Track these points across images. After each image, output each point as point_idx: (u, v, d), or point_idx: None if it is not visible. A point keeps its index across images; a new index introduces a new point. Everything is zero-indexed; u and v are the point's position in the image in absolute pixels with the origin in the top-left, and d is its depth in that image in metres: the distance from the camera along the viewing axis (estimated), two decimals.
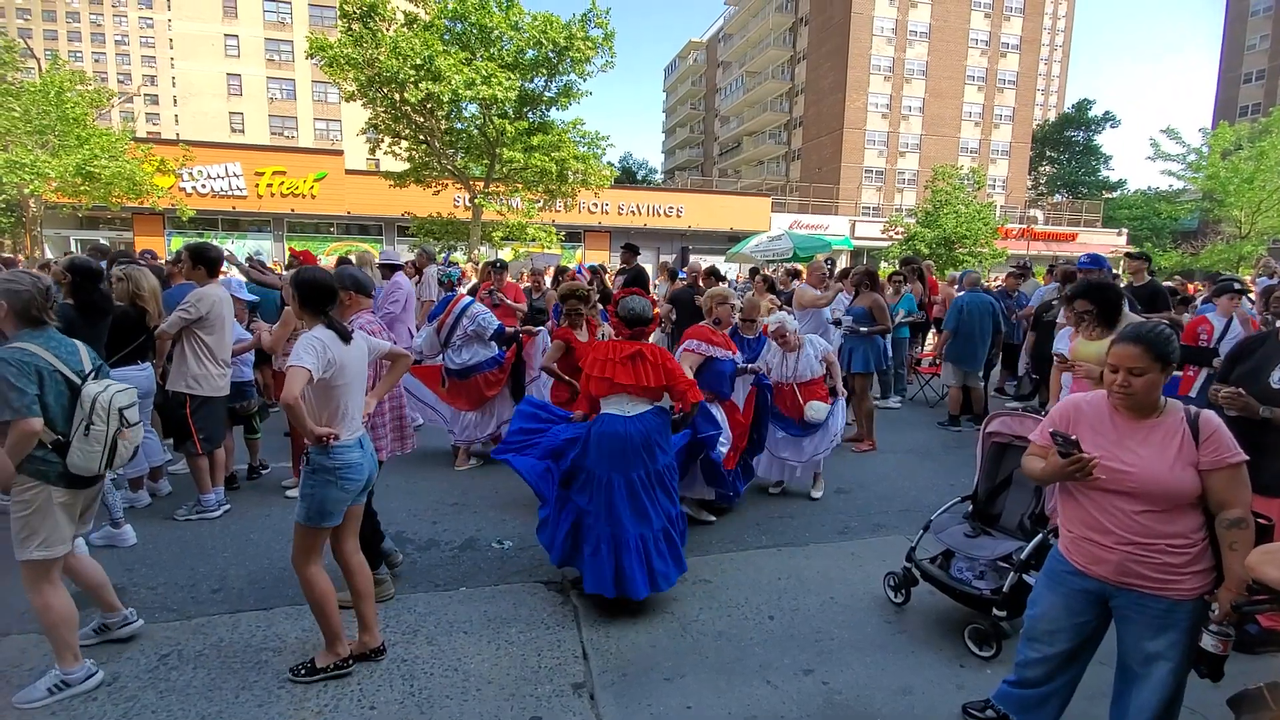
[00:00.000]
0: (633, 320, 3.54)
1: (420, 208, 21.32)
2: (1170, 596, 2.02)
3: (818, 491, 5.24)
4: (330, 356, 2.61)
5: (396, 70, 16.28)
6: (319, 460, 2.65)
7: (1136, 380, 2.02)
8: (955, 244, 26.73)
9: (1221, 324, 5.45)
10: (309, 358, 2.53)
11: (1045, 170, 53.47)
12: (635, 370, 3.37)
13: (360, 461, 2.75)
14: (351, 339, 2.76)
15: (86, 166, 18.98)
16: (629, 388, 3.37)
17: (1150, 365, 2.00)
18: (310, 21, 39.59)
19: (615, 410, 3.40)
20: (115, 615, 3.01)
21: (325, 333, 2.67)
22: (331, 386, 2.66)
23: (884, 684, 2.90)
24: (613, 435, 3.34)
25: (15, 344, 2.49)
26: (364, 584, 2.92)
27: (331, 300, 2.78)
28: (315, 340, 2.61)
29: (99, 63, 67.85)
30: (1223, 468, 1.97)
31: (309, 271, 2.85)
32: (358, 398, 2.80)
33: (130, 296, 4.24)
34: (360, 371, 2.82)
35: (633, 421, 3.36)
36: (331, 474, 2.65)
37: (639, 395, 3.40)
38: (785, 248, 14.94)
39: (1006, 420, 3.43)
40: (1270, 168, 26.95)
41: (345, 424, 2.72)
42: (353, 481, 2.72)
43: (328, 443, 2.62)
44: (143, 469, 4.57)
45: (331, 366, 2.62)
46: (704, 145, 67.84)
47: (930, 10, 42.89)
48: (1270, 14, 46.35)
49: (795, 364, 5.03)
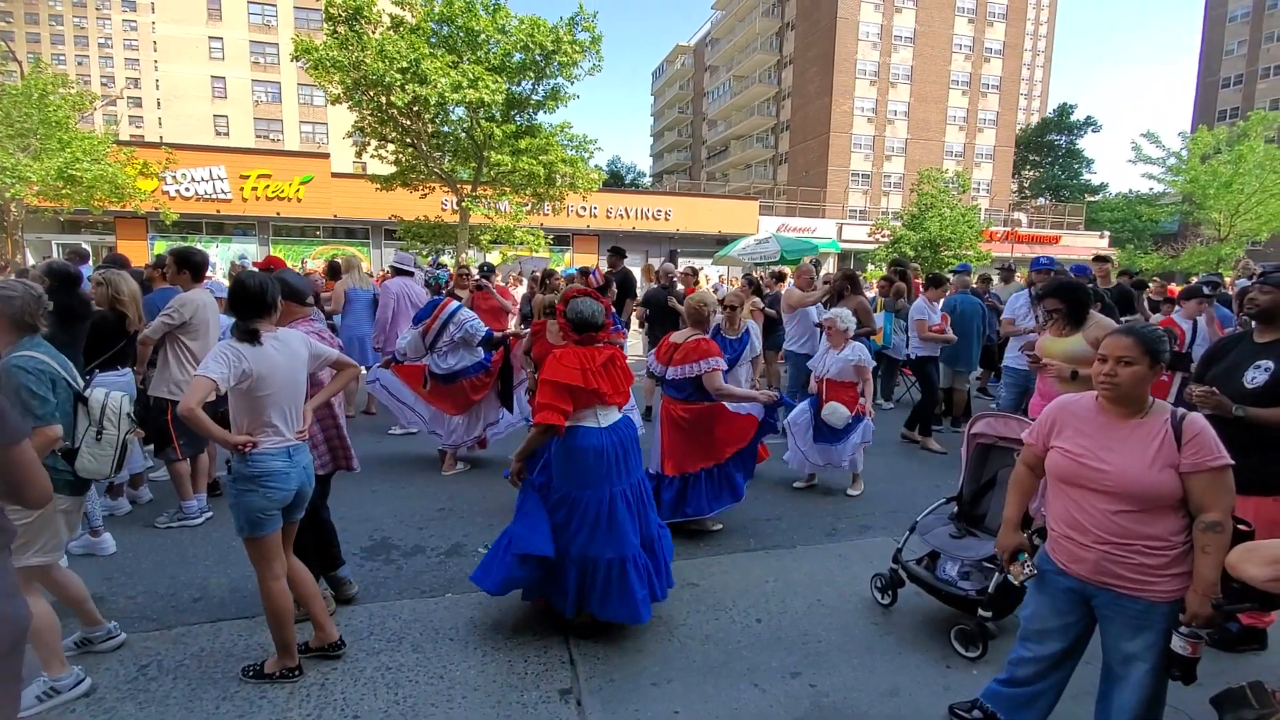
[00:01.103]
0: (581, 325, 3.16)
1: (407, 211, 21.19)
2: (1147, 598, 2.03)
3: (854, 490, 5.38)
4: (245, 367, 2.54)
5: (383, 73, 16.20)
6: (239, 468, 2.61)
7: (1124, 370, 2.05)
8: (940, 247, 26.96)
9: (1189, 327, 5.54)
10: (216, 367, 2.47)
11: (1029, 174, 54.10)
12: (612, 378, 3.19)
13: (285, 471, 2.66)
14: (261, 345, 2.63)
15: (68, 170, 18.72)
16: (607, 396, 3.16)
17: (1140, 358, 2.03)
18: (295, 24, 39.35)
19: (588, 422, 3.14)
20: (98, 629, 2.95)
21: (243, 343, 2.60)
22: (253, 397, 2.61)
23: (871, 686, 2.90)
24: (588, 450, 3.09)
25: (26, 352, 2.51)
26: (305, 586, 2.94)
27: (257, 308, 2.67)
28: (229, 350, 2.54)
29: (82, 65, 67.13)
30: (1203, 471, 1.96)
31: (242, 276, 2.77)
32: (286, 407, 2.70)
33: (110, 301, 4.18)
34: (291, 381, 2.73)
35: (609, 433, 3.15)
36: (252, 482, 2.60)
37: (613, 403, 3.22)
38: (772, 251, 15.01)
39: (991, 422, 3.45)
40: (1248, 171, 27.45)
41: (268, 433, 2.65)
42: (276, 490, 2.64)
43: (245, 451, 2.58)
44: (123, 476, 4.51)
45: (246, 377, 2.55)
46: (692, 149, 68.04)
47: (915, 15, 43.33)
48: (1248, 20, 47.28)
49: (831, 362, 5.19)
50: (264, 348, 2.63)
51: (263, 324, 2.69)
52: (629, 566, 3.08)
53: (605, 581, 3.07)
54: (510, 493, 5.06)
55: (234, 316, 2.69)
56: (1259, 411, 2.87)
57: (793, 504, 5.13)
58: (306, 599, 2.94)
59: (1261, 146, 27.51)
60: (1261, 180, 27.51)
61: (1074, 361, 3.71)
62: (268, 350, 2.64)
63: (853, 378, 5.15)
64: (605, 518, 3.09)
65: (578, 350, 3.13)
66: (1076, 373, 3.65)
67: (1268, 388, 2.91)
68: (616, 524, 3.10)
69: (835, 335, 5.21)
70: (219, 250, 25.74)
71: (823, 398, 5.19)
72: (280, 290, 2.84)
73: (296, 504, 2.81)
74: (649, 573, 3.19)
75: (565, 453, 3.13)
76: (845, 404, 5.07)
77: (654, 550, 3.28)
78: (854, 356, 5.12)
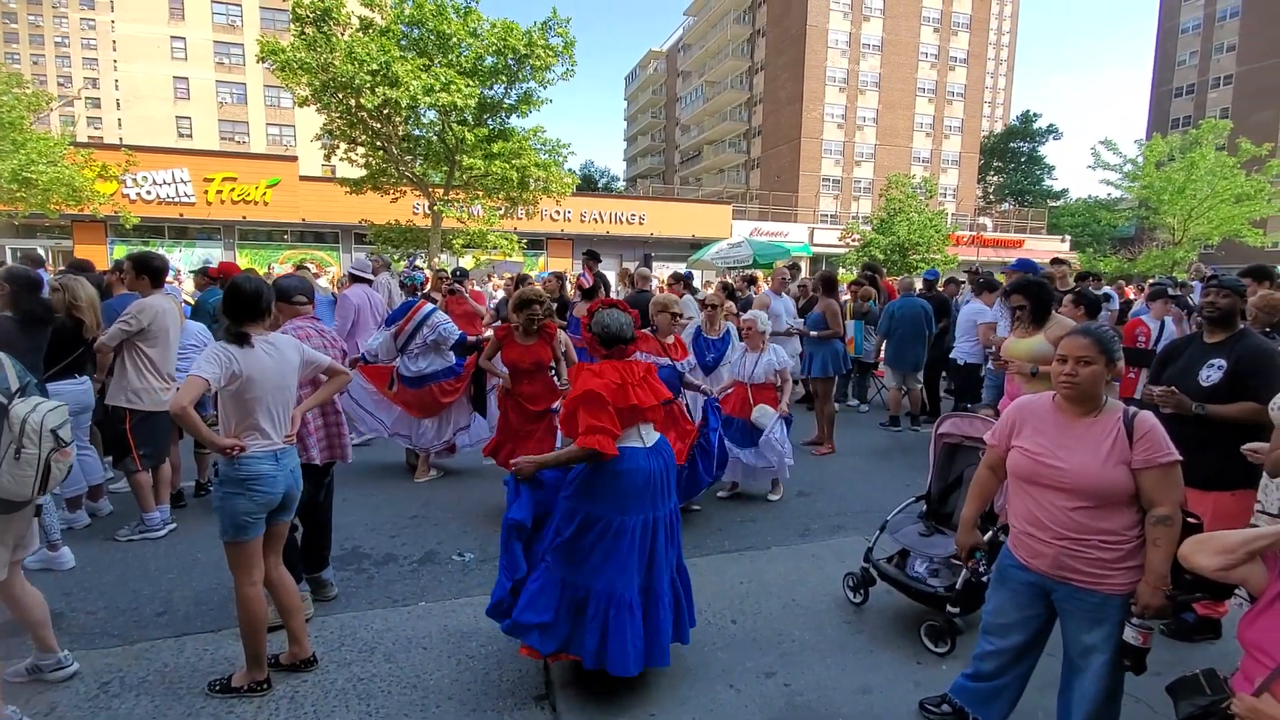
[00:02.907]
0: (609, 339, 2.85)
1: (378, 215, 20.88)
2: (1103, 591, 2.10)
3: (774, 495, 5.31)
4: (235, 369, 2.55)
5: (352, 75, 15.97)
6: (226, 471, 2.60)
7: (1084, 370, 2.12)
8: (909, 250, 27.45)
9: (1156, 326, 5.73)
10: (209, 367, 2.49)
11: (993, 179, 55.39)
12: (654, 392, 2.87)
13: (272, 474, 2.66)
14: (253, 347, 2.64)
15: (23, 172, 18.06)
16: (649, 411, 2.85)
17: (1097, 357, 2.11)
18: (262, 24, 38.63)
19: (633, 442, 2.79)
20: (49, 657, 2.80)
21: (233, 345, 2.60)
22: (242, 399, 2.60)
23: (844, 684, 2.94)
24: (636, 472, 2.73)
25: None
26: (289, 599, 2.88)
27: (251, 312, 2.69)
28: (220, 351, 2.56)
29: (38, 65, 64.89)
30: (1153, 467, 2.03)
31: (238, 280, 2.76)
32: (275, 410, 2.71)
33: (67, 307, 4.05)
34: (281, 385, 2.73)
35: (655, 455, 2.83)
36: (239, 485, 2.59)
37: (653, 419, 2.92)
38: (745, 255, 15.14)
39: (956, 422, 3.54)
40: (1200, 178, 28.42)
41: (256, 436, 2.64)
42: (262, 494, 2.63)
43: (233, 454, 2.57)
44: (81, 488, 4.37)
45: (236, 379, 2.56)
46: (665, 153, 68.30)
47: (882, 24, 44.13)
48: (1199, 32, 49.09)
49: (754, 365, 5.10)
50: (254, 350, 2.64)
51: (254, 327, 2.70)
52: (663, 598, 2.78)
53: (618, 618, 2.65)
54: (484, 499, 5.06)
55: (228, 319, 2.69)
56: (1216, 408, 3.00)
57: (766, 506, 5.17)
58: (288, 612, 2.88)
59: (1213, 154, 28.49)
60: (1213, 186, 28.50)
61: (1037, 361, 3.82)
62: (258, 353, 2.65)
63: (774, 380, 5.14)
64: (640, 547, 2.74)
65: (616, 365, 2.82)
66: (1037, 370, 3.78)
67: (1222, 384, 3.05)
68: (657, 554, 2.79)
69: (754, 337, 5.14)
70: (182, 255, 25.09)
71: (749, 401, 5.07)
72: (275, 294, 2.87)
73: (283, 508, 2.79)
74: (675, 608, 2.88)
75: (608, 475, 2.71)
76: (769, 404, 5.04)
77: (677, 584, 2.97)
78: (780, 359, 5.13)
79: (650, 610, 2.76)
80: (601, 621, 2.66)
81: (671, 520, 2.89)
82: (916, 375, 7.77)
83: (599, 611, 2.67)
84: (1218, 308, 3.19)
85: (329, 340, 3.45)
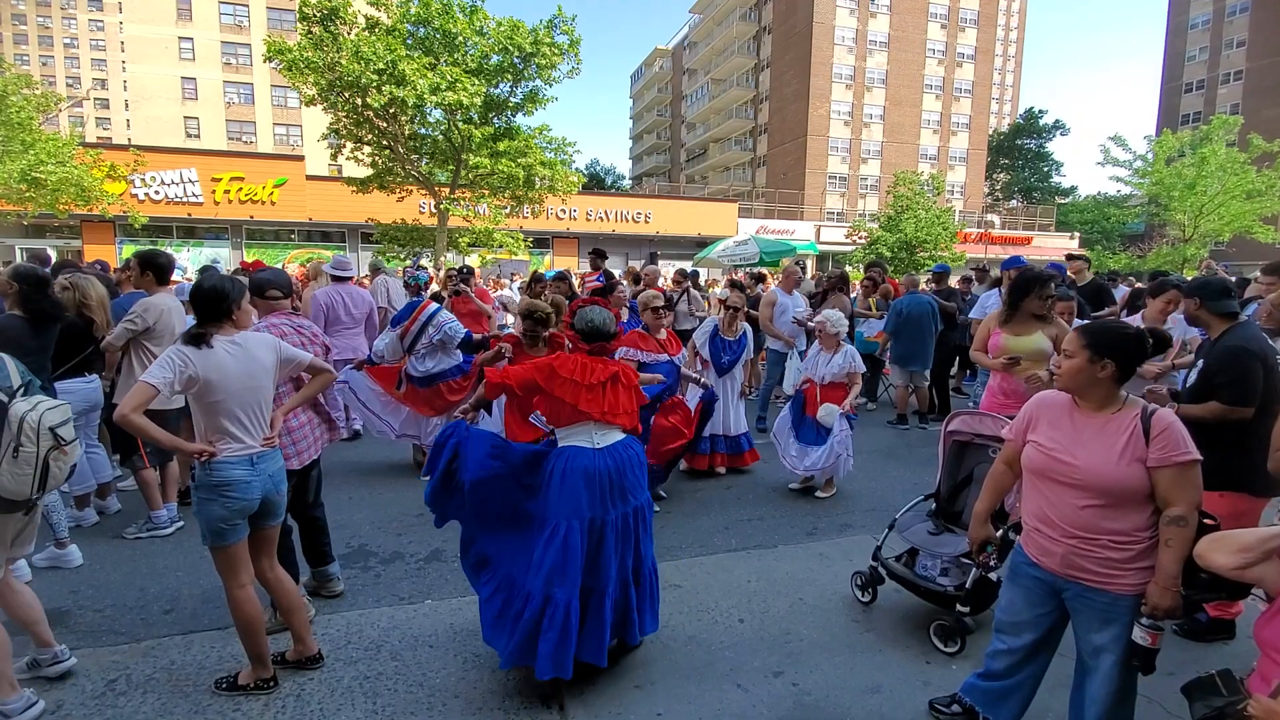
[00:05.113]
0: (592, 334, 3.01)
1: (384, 214, 20.93)
2: (1112, 590, 2.07)
3: (825, 492, 5.32)
4: (191, 372, 2.45)
5: (358, 74, 16.00)
6: (200, 476, 2.55)
7: (1065, 363, 2.15)
8: (916, 248, 27.30)
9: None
10: (159, 372, 2.39)
11: (1001, 177, 55.07)
12: (607, 398, 2.87)
13: (246, 480, 2.57)
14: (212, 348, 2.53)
15: (32, 173, 18.19)
16: (595, 416, 2.85)
17: (1078, 351, 2.10)
18: (269, 24, 38.74)
19: (580, 442, 2.83)
20: (46, 651, 2.81)
21: (189, 346, 2.50)
22: (204, 402, 2.53)
23: (852, 684, 2.91)
24: (577, 472, 2.76)
25: None
26: (288, 599, 2.86)
27: (212, 311, 2.59)
28: (174, 355, 2.46)
29: (46, 66, 65.40)
30: (1170, 465, 1.98)
31: (200, 278, 2.72)
32: (247, 413, 2.60)
33: (77, 306, 4.07)
34: (251, 386, 2.61)
35: (604, 456, 2.82)
36: (212, 490, 2.53)
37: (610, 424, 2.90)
38: (751, 252, 15.12)
39: (967, 419, 3.50)
40: (1210, 174, 28.17)
41: (228, 440, 2.57)
42: (236, 500, 2.55)
43: (203, 459, 2.52)
44: (90, 486, 4.38)
45: (195, 383, 2.47)
46: (671, 151, 68.20)
47: (889, 21, 43.89)
48: (1209, 27, 48.65)
49: (827, 365, 5.14)
50: (214, 351, 2.52)
51: (216, 327, 2.59)
52: (605, 600, 2.77)
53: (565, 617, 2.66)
54: None
55: (195, 319, 2.63)
56: (1187, 407, 2.98)
57: (774, 504, 5.15)
58: (289, 610, 2.87)
59: (1223, 150, 28.23)
60: (1223, 182, 28.25)
61: (1034, 357, 3.77)
62: (218, 354, 2.53)
63: (845, 381, 5.17)
64: (591, 547, 2.74)
65: (582, 359, 2.91)
66: (1018, 360, 3.73)
67: (1196, 384, 3.08)
68: (603, 555, 2.77)
69: (827, 339, 5.18)
70: (190, 254, 25.23)
71: (817, 400, 5.15)
72: (243, 291, 2.75)
73: (265, 512, 2.71)
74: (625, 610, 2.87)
75: (559, 475, 2.77)
76: (838, 404, 5.09)
77: (641, 584, 2.96)
78: (850, 361, 5.14)
79: (590, 613, 2.74)
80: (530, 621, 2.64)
81: (626, 522, 2.85)
82: (924, 374, 7.72)
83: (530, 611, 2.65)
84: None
85: (309, 337, 3.33)
